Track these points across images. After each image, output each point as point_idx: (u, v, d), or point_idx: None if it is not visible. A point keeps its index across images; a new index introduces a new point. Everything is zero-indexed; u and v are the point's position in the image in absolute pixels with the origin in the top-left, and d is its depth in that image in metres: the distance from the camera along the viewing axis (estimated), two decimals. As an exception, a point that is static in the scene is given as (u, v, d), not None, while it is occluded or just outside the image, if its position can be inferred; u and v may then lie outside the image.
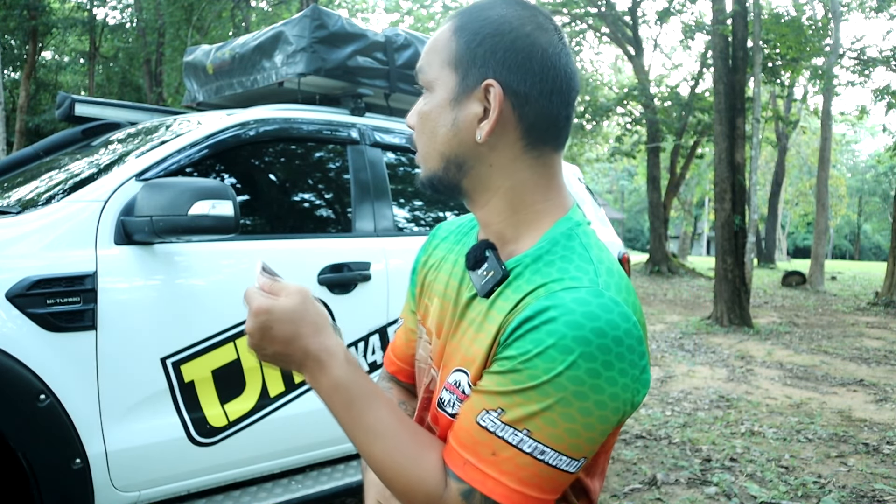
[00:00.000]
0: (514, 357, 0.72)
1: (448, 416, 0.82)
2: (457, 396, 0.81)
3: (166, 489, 1.81)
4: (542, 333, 0.71)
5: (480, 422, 0.74)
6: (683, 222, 28.25)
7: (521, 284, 0.78)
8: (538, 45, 0.78)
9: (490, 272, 0.81)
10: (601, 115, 17.42)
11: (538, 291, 0.75)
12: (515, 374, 0.72)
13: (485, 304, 0.81)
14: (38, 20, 16.92)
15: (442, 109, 0.81)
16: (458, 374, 0.82)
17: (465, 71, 0.79)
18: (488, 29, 0.79)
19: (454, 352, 0.84)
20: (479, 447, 0.74)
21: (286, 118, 2.34)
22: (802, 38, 11.97)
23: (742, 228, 8.47)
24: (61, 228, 1.69)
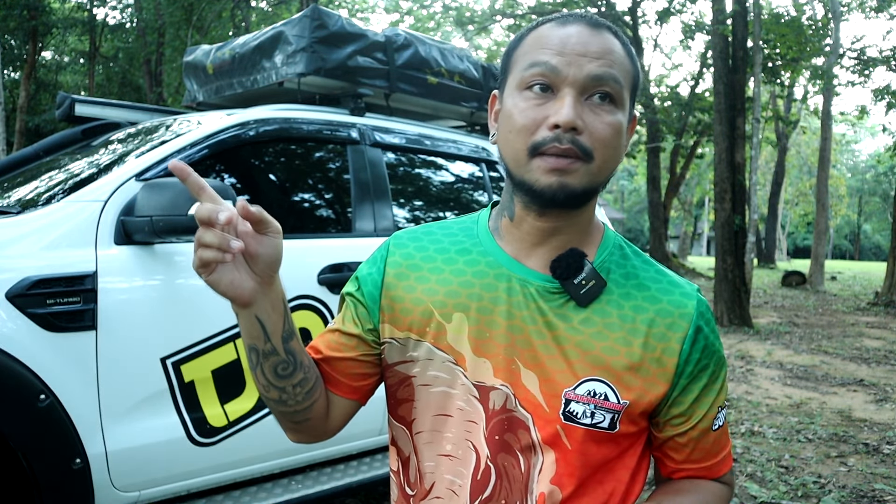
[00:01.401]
0: (710, 367, 0.87)
1: (583, 427, 0.83)
2: (595, 406, 0.83)
3: (166, 489, 1.81)
4: (711, 333, 0.87)
5: (715, 427, 0.90)
6: (683, 222, 28.25)
7: (634, 292, 0.86)
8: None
9: (591, 282, 0.83)
10: (601, 115, 17.38)
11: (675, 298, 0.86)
12: (715, 377, 0.88)
13: (586, 312, 0.84)
14: (38, 20, 16.91)
15: (624, 127, 0.83)
16: (593, 384, 0.82)
17: (632, 97, 0.85)
18: (637, 61, 0.86)
19: (559, 365, 0.83)
20: (721, 440, 0.92)
21: (286, 118, 2.34)
22: (802, 38, 11.96)
23: (742, 228, 8.46)
24: (61, 228, 1.69)
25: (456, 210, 2.93)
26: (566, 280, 0.83)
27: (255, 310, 0.81)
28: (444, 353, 0.88)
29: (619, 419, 0.83)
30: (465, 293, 0.88)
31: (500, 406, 0.85)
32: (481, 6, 16.71)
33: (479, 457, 0.86)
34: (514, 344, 0.84)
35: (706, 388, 0.86)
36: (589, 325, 0.83)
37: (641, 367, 0.83)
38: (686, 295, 0.86)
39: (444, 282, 0.89)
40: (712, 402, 0.87)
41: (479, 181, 3.01)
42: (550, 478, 0.84)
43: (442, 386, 0.88)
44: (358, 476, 2.15)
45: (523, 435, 0.84)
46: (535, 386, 0.83)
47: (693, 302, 0.85)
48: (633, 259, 0.89)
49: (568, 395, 0.82)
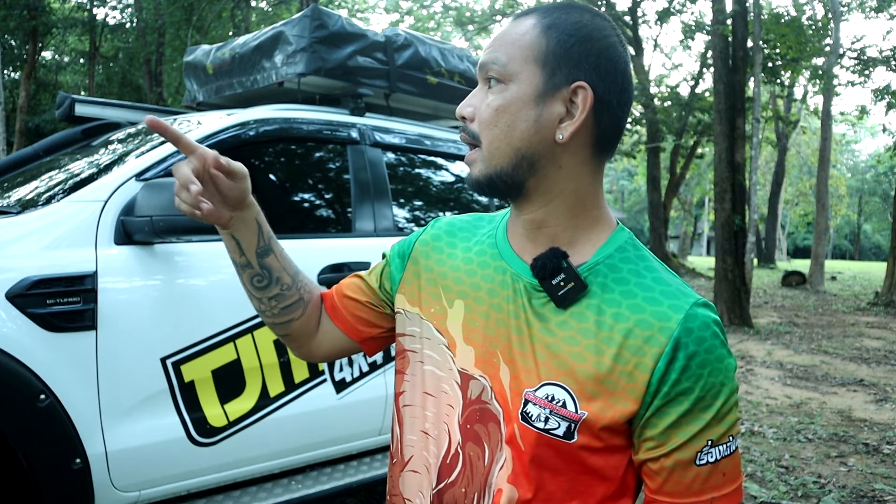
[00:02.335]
0: (693, 391, 0.76)
1: (536, 430, 0.80)
2: (550, 411, 0.79)
3: (166, 489, 1.81)
4: (701, 354, 0.76)
5: (700, 462, 0.78)
6: (683, 222, 28.26)
7: (620, 298, 0.80)
8: (622, 58, 0.82)
9: (569, 283, 0.80)
10: (601, 115, 17.38)
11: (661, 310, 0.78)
12: (705, 405, 0.77)
13: (564, 314, 0.81)
14: (38, 20, 16.92)
15: (523, 104, 0.79)
16: (552, 388, 0.79)
17: (553, 69, 0.79)
18: (583, 32, 0.80)
19: (528, 364, 0.82)
20: (711, 480, 0.79)
21: (286, 118, 2.34)
22: (802, 38, 11.97)
23: (742, 228, 8.46)
24: (61, 228, 1.69)
25: (455, 210, 2.92)
26: (544, 280, 0.81)
27: (232, 230, 0.97)
28: (441, 335, 0.91)
29: (576, 429, 0.78)
30: (469, 281, 0.90)
31: (477, 396, 0.86)
32: (481, 6, 16.72)
33: (451, 441, 0.88)
34: (499, 337, 0.85)
35: (688, 415, 0.77)
36: (564, 328, 0.80)
37: (609, 379, 0.77)
38: (675, 307, 0.77)
39: (455, 267, 0.93)
40: (697, 432, 0.77)
41: (479, 181, 3.01)
42: (508, 476, 0.83)
43: (432, 366, 0.91)
44: (358, 476, 2.15)
45: (493, 428, 0.85)
46: (507, 381, 0.84)
47: (679, 315, 0.76)
48: (634, 263, 0.83)
49: (528, 395, 0.81)
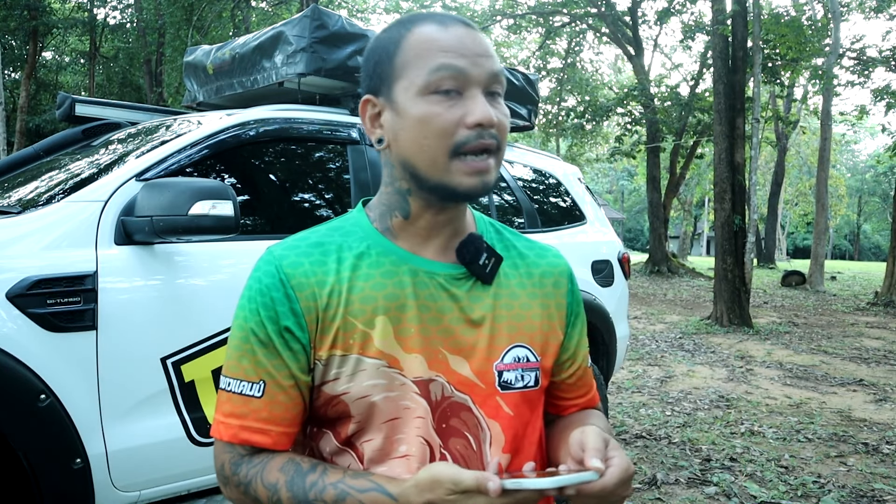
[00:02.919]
0: (580, 313, 1.02)
1: (517, 391, 0.91)
2: (522, 370, 0.91)
3: (166, 489, 1.81)
4: (576, 284, 1.02)
5: (589, 364, 1.04)
6: (683, 222, 28.26)
7: (518, 261, 0.96)
8: None
9: (492, 259, 0.91)
10: (601, 116, 17.42)
11: (551, 260, 0.99)
12: (583, 321, 1.03)
13: (492, 288, 0.91)
14: (38, 20, 16.92)
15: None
16: (515, 350, 0.91)
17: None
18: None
19: (483, 343, 0.89)
20: (591, 373, 1.06)
21: (286, 118, 2.34)
22: (802, 38, 11.97)
23: (742, 228, 8.47)
24: (61, 228, 1.69)
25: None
26: (472, 264, 0.89)
27: None
28: (376, 359, 0.86)
29: (539, 375, 0.93)
30: (381, 295, 0.86)
31: (440, 395, 0.88)
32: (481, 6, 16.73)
33: (432, 449, 0.87)
34: (437, 334, 0.87)
35: (580, 332, 1.02)
36: (498, 298, 0.91)
37: (543, 323, 0.94)
38: (557, 256, 1.01)
39: (356, 289, 0.86)
40: (584, 342, 1.03)
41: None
42: (501, 447, 0.89)
43: (382, 393, 0.86)
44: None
45: (467, 416, 0.88)
46: (465, 369, 0.88)
47: (563, 261, 1.01)
48: (504, 233, 1.00)
49: (499, 367, 0.90)
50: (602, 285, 3.17)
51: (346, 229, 0.92)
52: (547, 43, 17.57)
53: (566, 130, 18.16)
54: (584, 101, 18.06)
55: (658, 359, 6.27)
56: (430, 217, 0.89)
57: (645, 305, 10.81)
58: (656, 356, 6.40)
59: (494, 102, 0.85)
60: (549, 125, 18.36)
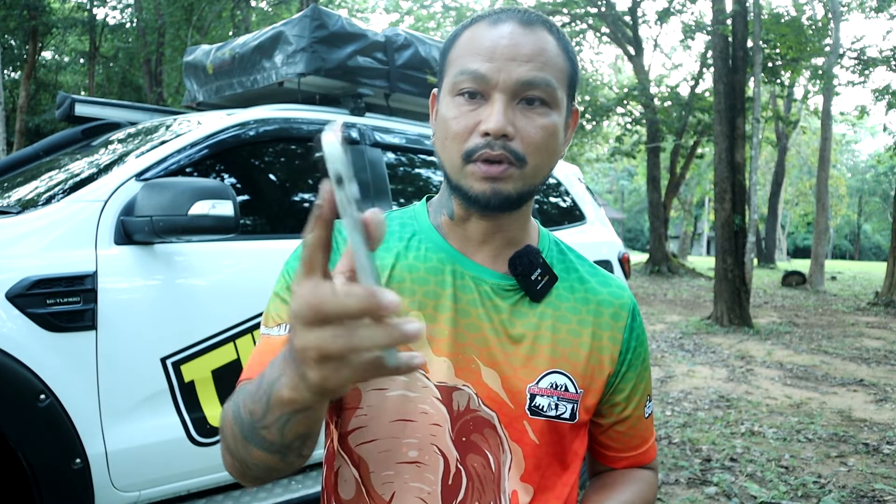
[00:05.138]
0: (641, 355, 0.92)
1: (547, 419, 0.85)
2: (557, 398, 0.85)
3: (166, 489, 1.81)
4: (641, 324, 0.94)
5: (647, 414, 0.96)
6: (683, 222, 28.25)
7: (577, 285, 0.90)
8: None
9: (545, 277, 0.86)
10: (601, 115, 17.39)
11: (613, 290, 0.92)
12: (645, 365, 0.94)
13: (540, 307, 0.86)
14: (38, 20, 16.92)
15: (561, 127, 0.83)
16: (554, 376, 0.85)
17: (570, 93, 0.84)
18: (573, 52, 0.84)
19: (518, 361, 0.84)
20: (651, 427, 0.98)
21: (286, 118, 2.34)
22: (802, 38, 11.96)
23: (742, 228, 8.46)
24: (61, 228, 1.69)
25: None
26: (523, 277, 0.85)
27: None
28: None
29: (577, 409, 0.86)
30: (421, 290, 0.84)
31: (465, 406, 0.83)
32: (481, 6, 16.72)
33: (447, 461, 0.83)
34: (472, 342, 0.83)
35: (640, 376, 0.92)
36: (544, 318, 0.86)
37: (591, 355, 0.87)
38: (621, 287, 0.93)
39: (398, 278, 0.85)
40: (643, 388, 0.93)
41: (479, 181, 3.01)
42: (520, 475, 0.84)
43: (399, 389, 0.82)
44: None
45: (490, 434, 0.83)
46: (496, 384, 0.83)
47: (628, 294, 0.93)
48: (568, 254, 0.94)
49: (532, 389, 0.83)
50: (602, 285, 3.16)
51: (404, 219, 0.92)
52: (547, 43, 17.52)
53: (566, 130, 18.12)
54: (584, 101, 18.04)
55: (658, 359, 6.27)
56: (475, 221, 0.85)
57: (645, 305, 10.81)
58: (656, 356, 6.40)
59: (528, 111, 0.79)
60: (549, 125, 18.31)
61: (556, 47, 0.81)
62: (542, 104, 0.79)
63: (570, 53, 0.83)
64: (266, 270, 2.03)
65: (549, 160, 0.82)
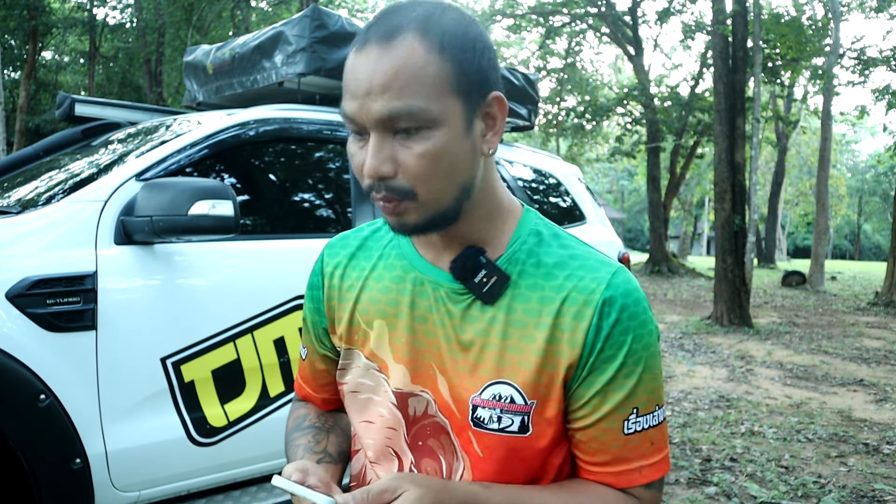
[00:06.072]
0: (616, 358, 0.77)
1: (490, 432, 0.79)
2: (501, 410, 0.78)
3: (166, 489, 1.81)
4: (628, 325, 0.78)
5: (628, 431, 0.79)
6: (683, 222, 28.26)
7: (542, 282, 0.79)
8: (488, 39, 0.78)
9: (493, 277, 0.79)
10: (601, 115, 17.42)
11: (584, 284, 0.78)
12: (627, 372, 0.78)
13: (492, 310, 0.79)
14: (38, 20, 16.92)
15: (457, 141, 0.73)
16: (497, 387, 0.78)
17: (470, 92, 0.73)
18: (472, 36, 0.74)
19: (465, 370, 0.80)
20: (640, 449, 0.80)
21: (286, 118, 2.34)
22: (802, 38, 11.97)
23: (742, 228, 8.46)
24: (61, 228, 1.69)
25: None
26: (466, 280, 0.80)
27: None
28: (370, 360, 0.88)
29: (529, 421, 0.78)
30: (385, 299, 0.86)
31: (422, 412, 0.84)
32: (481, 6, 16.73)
33: (401, 462, 0.86)
34: (430, 348, 0.83)
35: (612, 383, 0.77)
36: (494, 323, 0.79)
37: (546, 362, 0.77)
38: (596, 279, 0.78)
39: (367, 288, 0.89)
40: (621, 400, 0.78)
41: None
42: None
43: (367, 393, 0.89)
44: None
45: (445, 440, 0.83)
46: (447, 392, 0.82)
47: (601, 286, 0.77)
48: (548, 244, 0.82)
49: (475, 400, 0.79)
50: (602, 285, 3.16)
51: (377, 226, 0.95)
52: (547, 43, 17.58)
53: (566, 130, 18.16)
54: (584, 101, 18.06)
55: (658, 359, 6.27)
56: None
57: (645, 305, 10.80)
58: (656, 356, 6.40)
59: (406, 140, 0.71)
60: (549, 125, 18.36)
61: (424, 54, 0.70)
62: (419, 129, 0.71)
63: (449, 50, 0.71)
64: (266, 270, 2.03)
65: (449, 180, 0.73)
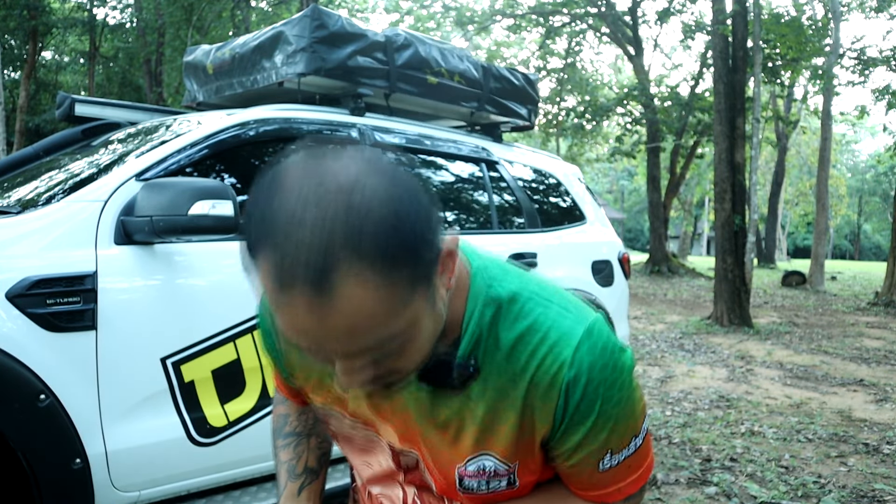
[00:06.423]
0: (586, 422, 0.79)
1: (480, 493, 0.85)
2: (487, 478, 0.84)
3: (166, 489, 1.81)
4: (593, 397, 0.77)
5: (603, 468, 0.83)
6: (683, 222, 28.25)
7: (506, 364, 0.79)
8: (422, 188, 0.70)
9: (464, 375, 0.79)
10: (601, 115, 17.41)
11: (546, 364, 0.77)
12: (599, 427, 0.79)
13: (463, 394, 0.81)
14: (38, 20, 16.92)
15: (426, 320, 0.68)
16: (479, 460, 0.83)
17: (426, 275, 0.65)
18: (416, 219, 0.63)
19: (445, 443, 0.84)
20: (617, 475, 0.84)
21: (286, 118, 2.34)
22: (802, 38, 11.97)
23: (742, 228, 8.46)
24: (61, 228, 1.69)
25: (455, 210, 2.92)
26: (441, 386, 0.80)
27: None
28: (353, 418, 0.91)
29: (515, 477, 0.85)
30: None
31: (413, 465, 0.90)
32: (481, 6, 16.73)
33: (405, 493, 0.93)
34: (407, 422, 0.85)
35: (585, 439, 0.80)
36: (467, 405, 0.81)
37: (523, 433, 0.81)
38: (558, 359, 0.77)
39: None
40: (594, 450, 0.81)
41: (479, 181, 3.01)
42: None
43: (362, 440, 0.93)
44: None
45: (434, 498, 0.90)
46: (430, 459, 0.87)
47: (564, 368, 0.76)
48: (506, 315, 0.79)
49: (460, 471, 0.84)
50: (602, 285, 3.17)
51: None
52: (547, 43, 17.57)
53: (566, 130, 18.15)
54: (584, 101, 18.05)
55: (658, 359, 6.27)
56: None
57: (645, 305, 10.81)
58: (656, 356, 6.40)
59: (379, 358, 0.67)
60: (549, 125, 18.36)
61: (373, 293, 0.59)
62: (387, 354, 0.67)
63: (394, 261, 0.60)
64: (266, 270, 2.03)
65: (425, 351, 0.71)
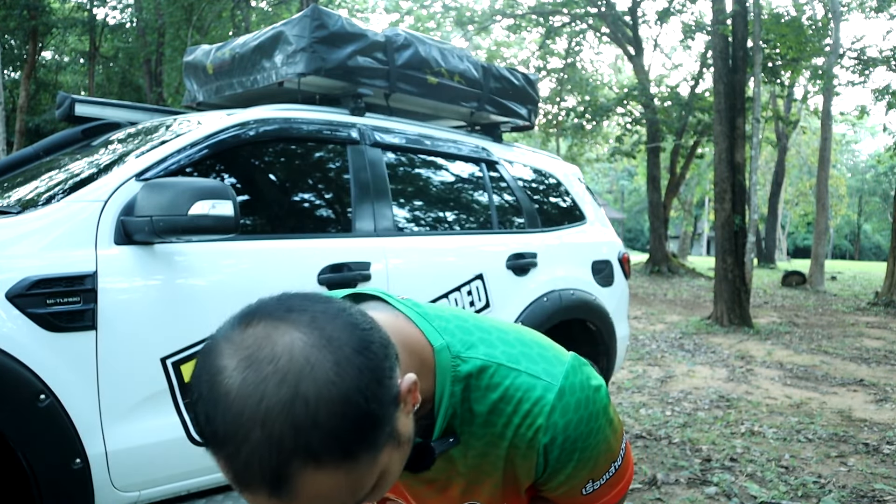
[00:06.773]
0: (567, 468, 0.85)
1: None
2: None
3: (166, 489, 1.81)
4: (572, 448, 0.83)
5: (586, 493, 0.89)
6: (683, 222, 28.25)
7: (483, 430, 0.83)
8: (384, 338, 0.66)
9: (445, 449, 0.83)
10: (601, 115, 17.41)
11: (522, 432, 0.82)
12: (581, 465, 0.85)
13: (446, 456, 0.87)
14: (38, 20, 16.91)
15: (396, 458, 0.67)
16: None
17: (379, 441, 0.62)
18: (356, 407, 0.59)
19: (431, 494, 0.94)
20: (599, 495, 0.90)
21: (286, 118, 2.34)
22: (802, 38, 11.96)
23: (742, 228, 8.46)
24: (61, 228, 1.69)
25: (455, 210, 2.92)
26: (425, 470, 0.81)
27: None
28: None
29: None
30: None
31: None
32: (481, 6, 16.73)
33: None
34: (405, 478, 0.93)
35: (569, 478, 0.86)
36: (451, 465, 0.88)
37: (507, 483, 0.89)
38: (533, 425, 0.80)
39: None
40: (576, 483, 0.88)
41: (478, 181, 3.01)
42: None
43: None
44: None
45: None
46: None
47: (539, 433, 0.80)
48: (476, 388, 0.81)
49: None
50: (602, 285, 3.17)
51: None
52: (547, 43, 17.56)
53: (566, 130, 18.15)
54: (584, 101, 18.05)
55: (658, 359, 6.27)
56: None
57: (645, 305, 10.81)
58: (656, 356, 6.40)
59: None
60: (549, 125, 18.36)
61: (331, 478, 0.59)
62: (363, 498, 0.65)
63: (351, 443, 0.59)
64: (266, 270, 2.03)
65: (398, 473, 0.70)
